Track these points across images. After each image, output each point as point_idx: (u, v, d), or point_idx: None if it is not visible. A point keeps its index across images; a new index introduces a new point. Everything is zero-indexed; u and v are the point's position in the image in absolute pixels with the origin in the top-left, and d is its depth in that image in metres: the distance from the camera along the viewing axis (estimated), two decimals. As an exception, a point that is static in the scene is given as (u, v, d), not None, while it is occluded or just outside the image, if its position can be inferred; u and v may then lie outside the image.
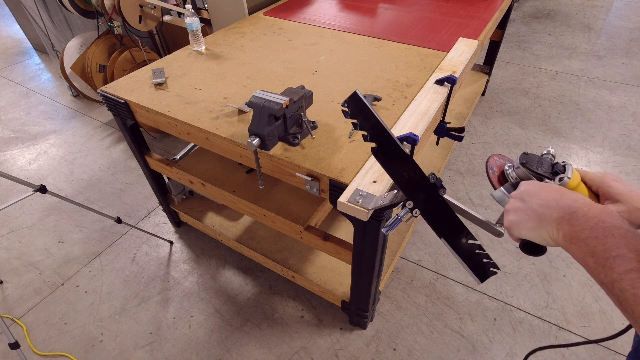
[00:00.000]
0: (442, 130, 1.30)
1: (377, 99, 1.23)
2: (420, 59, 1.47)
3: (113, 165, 2.33)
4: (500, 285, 1.64)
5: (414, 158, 0.83)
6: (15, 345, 1.26)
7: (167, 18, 2.42)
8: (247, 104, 1.08)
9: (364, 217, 0.88)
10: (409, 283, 1.66)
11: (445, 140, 2.14)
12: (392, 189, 0.94)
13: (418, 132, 1.09)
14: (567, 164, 0.62)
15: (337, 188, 0.96)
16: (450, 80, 1.28)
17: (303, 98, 1.03)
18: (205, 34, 1.67)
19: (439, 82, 1.30)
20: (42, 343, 1.51)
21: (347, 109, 0.72)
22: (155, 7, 2.13)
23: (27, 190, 1.31)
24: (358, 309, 1.41)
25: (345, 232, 1.59)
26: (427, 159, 2.02)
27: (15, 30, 4.03)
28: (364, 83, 1.33)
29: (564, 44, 3.52)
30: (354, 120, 0.72)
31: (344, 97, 1.25)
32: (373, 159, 1.00)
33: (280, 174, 1.08)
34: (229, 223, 1.71)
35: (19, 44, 3.82)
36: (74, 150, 2.46)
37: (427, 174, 0.64)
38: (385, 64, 1.44)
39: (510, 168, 0.66)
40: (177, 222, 1.91)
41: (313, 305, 1.59)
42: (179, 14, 2.50)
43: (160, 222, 1.97)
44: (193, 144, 1.78)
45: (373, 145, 0.71)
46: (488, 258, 0.60)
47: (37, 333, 1.54)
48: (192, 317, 1.56)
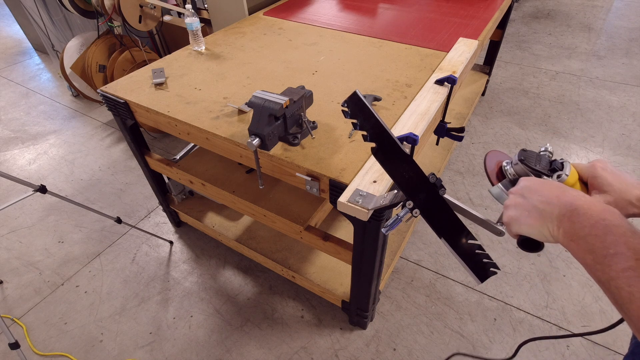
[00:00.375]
0: (442, 130, 1.30)
1: (377, 99, 1.23)
2: (420, 59, 1.47)
3: (113, 165, 2.33)
4: (500, 285, 1.64)
5: (414, 158, 0.83)
6: (15, 345, 1.26)
7: (167, 18, 2.42)
8: (247, 104, 1.08)
9: (364, 217, 0.88)
10: (409, 283, 1.66)
11: (445, 140, 2.14)
12: (392, 189, 0.94)
13: (418, 132, 1.09)
14: (565, 161, 0.62)
15: (337, 188, 0.96)
16: (450, 80, 1.28)
17: (303, 98, 1.03)
18: (205, 34, 1.67)
19: (439, 82, 1.30)
20: (42, 343, 1.51)
21: (347, 109, 0.72)
22: (155, 7, 2.13)
23: (27, 190, 1.31)
24: (358, 309, 1.41)
25: (345, 232, 1.59)
26: (427, 159, 2.02)
27: (15, 30, 4.04)
28: (364, 83, 1.33)
29: (564, 44, 3.52)
30: (354, 120, 0.72)
31: (344, 97, 1.25)
32: (373, 159, 1.00)
33: (280, 174, 1.08)
34: (229, 223, 1.71)
35: (19, 44, 3.82)
36: (74, 150, 2.46)
37: (427, 174, 0.64)
38: (385, 64, 1.44)
39: (509, 165, 0.66)
40: (177, 222, 1.91)
41: (313, 305, 1.59)
42: (179, 14, 2.50)
43: (160, 222, 1.97)
44: (193, 144, 1.78)
45: (373, 145, 0.71)
46: (488, 258, 0.60)
47: (37, 333, 1.54)
48: (192, 317, 1.56)
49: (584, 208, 0.44)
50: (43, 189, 1.33)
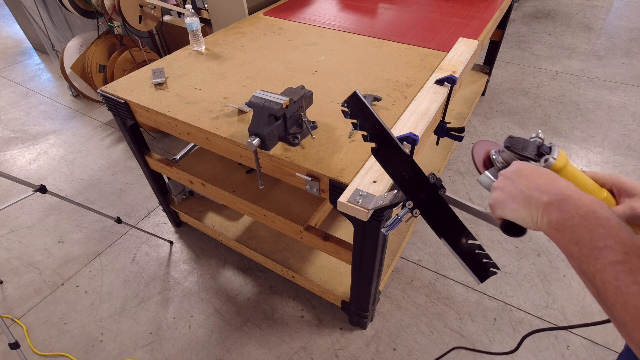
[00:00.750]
0: (442, 130, 1.30)
1: (377, 99, 1.23)
2: (420, 59, 1.47)
3: (113, 165, 2.33)
4: (500, 285, 1.64)
5: (414, 158, 0.83)
6: (15, 345, 1.26)
7: (167, 18, 2.42)
8: (247, 104, 1.08)
9: (364, 217, 0.88)
10: (409, 283, 1.66)
11: (445, 140, 2.14)
12: (392, 189, 0.94)
13: (418, 132, 1.09)
14: (553, 145, 0.60)
15: (337, 188, 0.96)
16: (450, 80, 1.28)
17: (303, 98, 1.03)
18: (205, 34, 1.67)
19: (439, 82, 1.30)
20: (42, 343, 1.51)
21: (347, 109, 0.72)
22: (155, 7, 2.13)
23: (27, 190, 1.31)
24: (358, 309, 1.41)
25: (345, 232, 1.59)
26: (427, 159, 2.02)
27: (15, 30, 4.04)
28: (364, 83, 1.33)
29: (564, 44, 3.52)
30: (354, 120, 0.72)
31: (344, 97, 1.25)
32: (373, 159, 1.00)
33: (280, 174, 1.08)
34: (229, 223, 1.71)
35: (19, 44, 3.82)
36: (74, 150, 2.46)
37: (427, 174, 0.64)
38: (385, 64, 1.44)
39: (497, 153, 0.65)
40: (177, 222, 1.91)
41: (313, 305, 1.59)
42: (179, 14, 2.50)
43: (160, 222, 1.97)
44: (193, 144, 1.78)
45: (373, 145, 0.71)
46: (488, 258, 0.60)
47: (37, 333, 1.54)
48: (192, 317, 1.56)
49: (574, 198, 0.43)
50: (43, 189, 1.33)
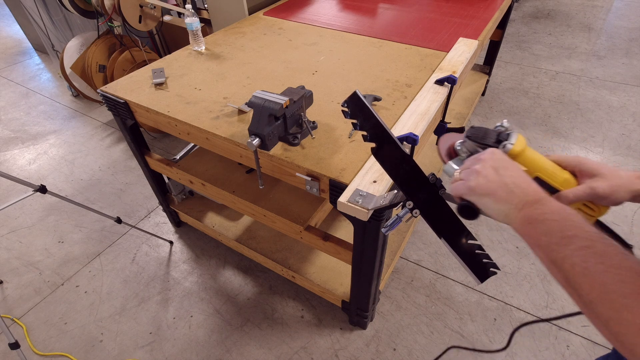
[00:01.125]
0: (442, 130, 1.30)
1: (377, 99, 1.23)
2: (420, 59, 1.47)
3: (113, 165, 2.33)
4: (500, 285, 1.64)
5: (414, 158, 0.83)
6: (15, 345, 1.26)
7: (167, 18, 2.42)
8: (247, 104, 1.08)
9: (364, 217, 0.88)
10: (409, 283, 1.66)
11: (445, 140, 2.13)
12: (392, 189, 0.94)
13: (418, 132, 1.09)
14: (512, 132, 0.62)
15: (337, 188, 0.96)
16: (450, 80, 1.28)
17: (303, 98, 1.03)
18: (205, 34, 1.67)
19: (439, 82, 1.30)
20: (42, 343, 1.51)
21: (347, 109, 0.72)
22: (155, 7, 2.13)
23: (27, 190, 1.31)
24: (358, 309, 1.41)
25: (345, 232, 1.59)
26: (427, 159, 2.02)
27: (15, 30, 4.04)
28: (364, 83, 1.33)
29: (564, 44, 3.52)
30: (354, 120, 0.72)
31: (344, 97, 1.25)
32: (373, 159, 1.00)
33: (280, 174, 1.08)
34: (229, 223, 1.71)
35: (19, 44, 3.82)
36: (74, 150, 2.46)
37: (427, 174, 0.64)
38: (385, 64, 1.44)
39: (460, 143, 0.67)
40: (177, 222, 1.91)
41: (313, 305, 1.59)
42: (179, 14, 2.50)
43: (160, 222, 1.97)
44: (193, 144, 1.78)
45: (373, 145, 0.71)
46: (488, 258, 0.60)
47: (37, 333, 1.54)
48: (192, 317, 1.56)
49: (547, 199, 0.49)
50: (43, 189, 1.33)
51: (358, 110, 0.71)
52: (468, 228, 0.62)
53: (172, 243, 1.86)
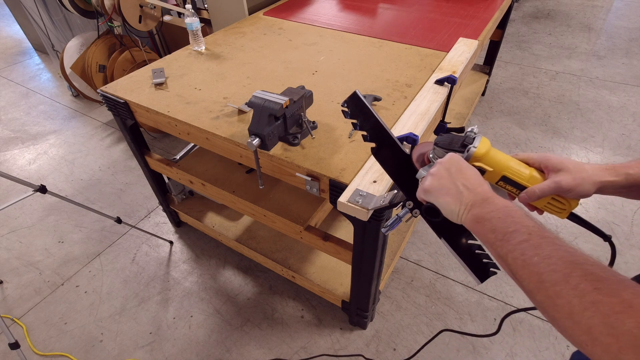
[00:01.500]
0: (442, 130, 1.30)
1: (377, 99, 1.23)
2: (420, 59, 1.47)
3: (113, 165, 2.33)
4: (500, 285, 1.64)
5: (414, 158, 0.82)
6: (15, 345, 1.26)
7: (167, 18, 2.42)
8: (247, 104, 1.08)
9: (364, 217, 0.88)
10: (409, 283, 1.66)
11: (445, 140, 2.13)
12: (392, 189, 0.94)
13: (418, 132, 1.09)
14: (476, 135, 0.64)
15: (337, 188, 0.96)
16: (450, 80, 1.28)
17: (303, 98, 1.03)
18: (205, 34, 1.66)
19: (439, 82, 1.30)
20: (42, 343, 1.51)
21: (347, 109, 0.72)
22: (155, 7, 2.13)
23: (27, 190, 1.31)
24: (358, 309, 1.41)
25: (345, 232, 1.59)
26: (427, 159, 2.02)
27: (15, 30, 4.03)
28: (364, 83, 1.33)
29: (564, 44, 3.52)
30: (354, 120, 0.72)
31: (344, 97, 1.25)
32: (373, 159, 1.00)
33: (280, 174, 1.08)
34: (229, 223, 1.71)
35: (19, 44, 3.82)
36: (74, 150, 2.46)
37: (427, 174, 0.64)
38: (385, 64, 1.44)
39: (432, 151, 0.69)
40: (177, 222, 1.91)
41: (313, 305, 1.59)
42: (179, 14, 2.50)
43: (160, 222, 1.97)
44: (193, 144, 1.78)
45: (373, 145, 0.71)
46: (488, 258, 0.60)
47: (37, 333, 1.54)
48: (192, 317, 1.56)
49: (492, 198, 0.52)
50: (43, 189, 1.33)
51: (358, 110, 0.71)
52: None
53: (172, 243, 1.86)
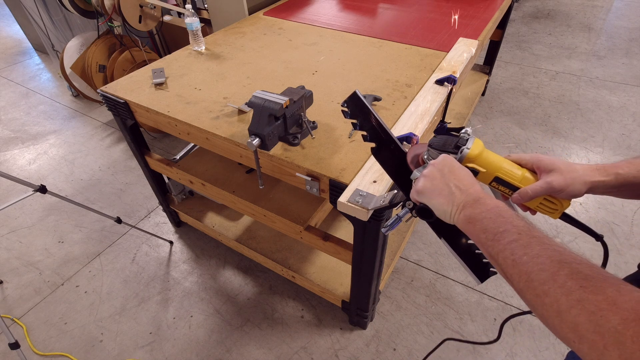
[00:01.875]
0: (442, 130, 1.29)
1: (377, 99, 1.23)
2: (420, 59, 1.47)
3: (113, 165, 2.33)
4: (500, 285, 1.64)
5: (414, 158, 0.82)
6: (15, 345, 1.26)
7: (167, 18, 2.42)
8: (247, 104, 1.08)
9: (364, 217, 0.88)
10: (409, 283, 1.66)
11: (445, 140, 2.13)
12: (392, 189, 0.94)
13: (418, 132, 1.09)
14: (470, 137, 0.64)
15: (337, 188, 0.96)
16: (450, 80, 1.28)
17: (303, 98, 1.03)
18: (205, 34, 1.66)
19: (439, 82, 1.30)
20: (42, 343, 1.51)
21: (346, 109, 0.72)
22: (155, 7, 2.13)
23: (27, 190, 1.31)
24: (358, 309, 1.41)
25: (345, 232, 1.59)
26: (427, 159, 2.02)
27: (15, 30, 4.03)
28: (364, 83, 1.33)
29: (564, 44, 3.52)
30: (354, 120, 0.72)
31: (344, 97, 1.25)
32: (373, 159, 1.00)
33: (280, 174, 1.08)
34: (229, 223, 1.71)
35: (19, 44, 3.82)
36: (74, 150, 2.46)
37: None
38: (385, 64, 1.44)
39: (427, 152, 0.69)
40: (177, 222, 1.91)
41: (313, 305, 1.59)
42: (179, 14, 2.50)
43: (160, 222, 1.97)
44: (193, 144, 1.78)
45: (373, 145, 0.71)
46: (488, 258, 0.60)
47: (37, 333, 1.54)
48: (192, 317, 1.56)
49: (484, 199, 0.53)
50: (43, 189, 1.33)
51: (358, 110, 0.71)
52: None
53: (172, 243, 1.86)
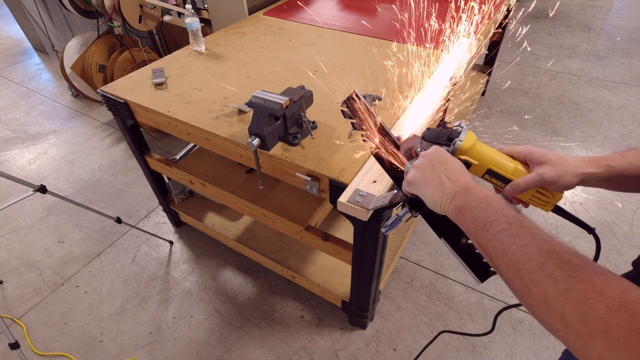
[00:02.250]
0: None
1: (377, 99, 1.23)
2: (420, 59, 1.46)
3: (113, 165, 2.33)
4: (500, 285, 1.63)
5: (414, 158, 0.82)
6: (15, 345, 1.26)
7: (167, 18, 2.42)
8: (247, 104, 1.08)
9: (364, 217, 0.88)
10: (409, 283, 1.66)
11: (445, 140, 2.13)
12: (392, 189, 0.94)
13: (418, 132, 1.09)
14: (462, 130, 0.64)
15: (337, 188, 0.96)
16: (450, 81, 1.28)
17: (303, 98, 1.03)
18: (205, 34, 1.66)
19: (439, 82, 1.30)
20: (42, 343, 1.51)
21: (346, 109, 0.72)
22: (155, 7, 2.13)
23: (27, 190, 1.31)
24: (358, 309, 1.41)
25: (345, 232, 1.59)
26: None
27: (15, 30, 4.03)
28: (364, 83, 1.33)
29: (564, 44, 3.52)
30: (354, 120, 0.72)
31: (344, 97, 1.25)
32: (373, 159, 1.00)
33: (280, 174, 1.08)
34: (229, 223, 1.71)
35: (19, 44, 3.82)
36: (74, 150, 2.46)
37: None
38: (385, 64, 1.44)
39: (419, 145, 0.69)
40: (177, 222, 1.91)
41: (313, 305, 1.59)
42: (179, 14, 2.50)
43: (160, 222, 1.97)
44: (193, 144, 1.78)
45: (373, 145, 0.71)
46: (488, 258, 0.60)
47: (37, 333, 1.54)
48: (192, 317, 1.56)
49: (474, 188, 0.53)
50: (43, 189, 1.33)
51: (358, 110, 0.71)
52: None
53: (172, 243, 1.86)
